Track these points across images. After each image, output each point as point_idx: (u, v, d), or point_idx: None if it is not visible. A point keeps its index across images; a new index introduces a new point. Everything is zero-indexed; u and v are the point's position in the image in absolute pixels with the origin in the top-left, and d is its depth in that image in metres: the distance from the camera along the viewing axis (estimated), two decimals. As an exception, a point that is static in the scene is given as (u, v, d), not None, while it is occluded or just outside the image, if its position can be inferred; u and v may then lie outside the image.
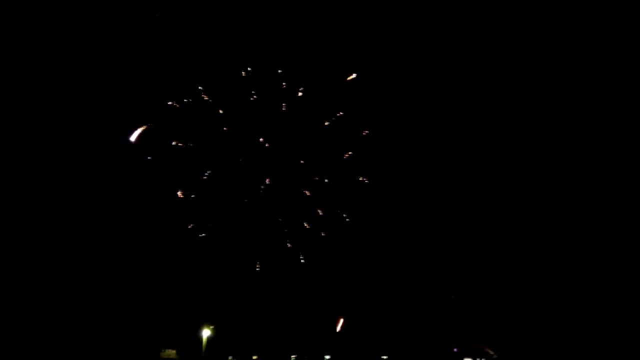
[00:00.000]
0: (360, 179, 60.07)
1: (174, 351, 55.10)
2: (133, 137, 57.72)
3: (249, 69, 59.90)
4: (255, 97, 60.34)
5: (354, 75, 59.54)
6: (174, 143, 59.39)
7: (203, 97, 59.72)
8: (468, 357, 52.50)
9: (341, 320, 56.95)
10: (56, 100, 56.38)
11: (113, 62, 57.73)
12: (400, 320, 55.03)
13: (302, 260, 58.77)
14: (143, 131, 57.95)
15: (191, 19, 58.29)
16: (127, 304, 55.03)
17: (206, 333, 54.22)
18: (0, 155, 54.93)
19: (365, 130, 60.35)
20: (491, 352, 51.96)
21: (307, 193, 60.83)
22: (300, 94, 60.49)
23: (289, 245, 59.57)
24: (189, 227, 58.19)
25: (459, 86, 58.31)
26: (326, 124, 60.71)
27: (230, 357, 55.95)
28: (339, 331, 56.40)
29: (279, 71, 60.06)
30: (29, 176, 55.46)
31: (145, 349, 54.46)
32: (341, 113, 60.59)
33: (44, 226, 55.06)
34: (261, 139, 60.69)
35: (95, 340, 53.85)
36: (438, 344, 53.69)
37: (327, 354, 55.58)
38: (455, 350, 52.83)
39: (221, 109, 60.24)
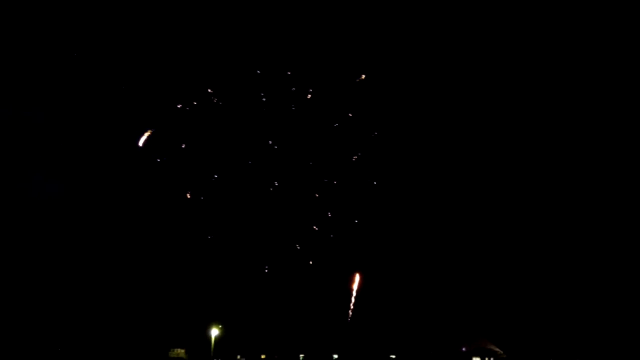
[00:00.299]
0: (370, 180, 60.10)
1: (183, 350, 55.24)
2: (140, 142, 58.11)
3: (257, 71, 60.21)
4: (264, 99, 60.60)
5: (362, 77, 59.71)
6: (183, 146, 59.71)
7: (212, 100, 60.04)
8: (476, 356, 52.30)
9: (357, 277, 56.71)
10: (59, 100, 56.80)
11: (119, 63, 58.09)
12: (409, 320, 54.92)
13: (310, 263, 58.76)
14: (150, 135, 58.29)
15: (199, 21, 58.69)
16: (136, 304, 55.22)
17: (215, 332, 54.35)
18: (1, 154, 55.35)
19: (374, 131, 60.42)
20: (499, 351, 51.75)
21: (317, 195, 60.89)
22: (309, 95, 60.70)
23: (297, 247, 59.58)
24: (198, 228, 58.41)
25: (469, 87, 58.27)
26: (335, 125, 60.85)
27: (238, 357, 56.03)
28: (358, 290, 56.18)
29: (288, 73, 60.33)
30: (30, 175, 55.83)
31: (154, 348, 54.62)
32: (350, 115, 60.71)
33: (46, 225, 55.38)
34: (270, 141, 60.90)
35: (104, 339, 54.04)
36: (446, 344, 53.51)
37: (335, 353, 55.55)
38: (463, 349, 52.66)
39: (230, 112, 60.54)
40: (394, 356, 54.28)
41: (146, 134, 58.64)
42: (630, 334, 47.56)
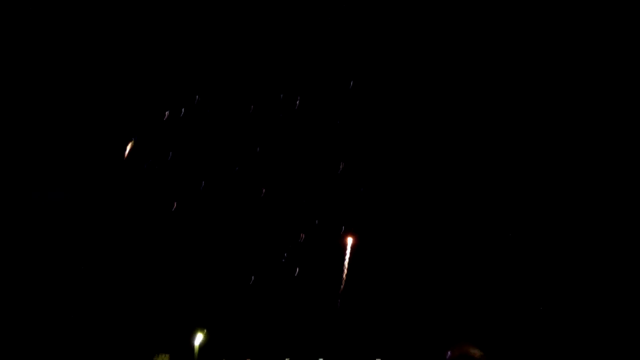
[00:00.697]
0: (357, 188, 60.18)
1: (167, 355, 54.88)
2: (125, 151, 58.17)
3: (246, 78, 60.50)
4: (251, 106, 60.84)
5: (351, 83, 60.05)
6: (170, 153, 59.77)
7: (200, 107, 60.26)
8: (460, 360, 52.01)
9: (349, 240, 56.38)
10: (59, 102, 56.89)
11: (103, 70, 58.22)
12: (395, 324, 54.81)
13: (297, 270, 58.61)
14: (133, 144, 58.32)
15: (187, 27, 59.14)
16: (119, 309, 54.96)
17: (199, 337, 54.04)
18: (3, 157, 55.34)
19: (363, 139, 60.61)
20: (484, 357, 51.56)
21: (304, 202, 60.93)
22: (297, 102, 60.97)
23: (284, 254, 59.46)
24: (184, 235, 58.30)
25: (462, 93, 58.50)
26: (324, 132, 61.08)
27: (223, 360, 55.75)
28: (352, 248, 55.91)
29: (276, 80, 60.66)
30: (32, 178, 55.78)
31: (137, 353, 54.28)
32: (338, 122, 60.95)
33: (44, 228, 55.21)
34: (258, 149, 61.08)
35: (87, 344, 53.67)
36: (430, 348, 53.38)
37: (321, 357, 55.33)
38: (448, 353, 52.46)
39: (217, 119, 60.76)
40: (379, 359, 54.10)
41: (129, 144, 58.78)
42: (619, 338, 47.59)
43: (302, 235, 60.07)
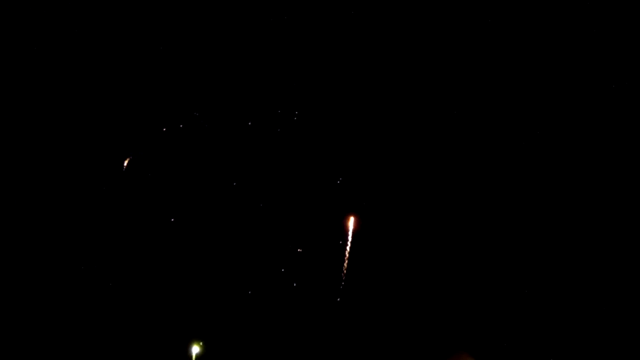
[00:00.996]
0: (355, 204, 60.44)
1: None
2: (123, 167, 58.48)
3: (244, 94, 61.16)
4: (249, 122, 61.40)
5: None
6: (168, 168, 60.14)
7: (198, 123, 60.82)
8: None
9: (351, 220, 56.04)
10: (59, 102, 57.21)
11: (100, 87, 58.65)
12: (390, 334, 54.63)
13: (294, 285, 58.58)
14: (130, 161, 58.58)
15: (184, 44, 59.93)
16: (115, 321, 54.78)
17: (195, 350, 53.75)
18: (2, 159, 55.41)
19: (361, 155, 61.01)
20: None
21: (302, 217, 61.17)
22: (295, 118, 61.55)
23: (282, 270, 59.50)
24: (181, 249, 58.36)
25: (461, 93, 58.72)
26: (320, 147, 61.54)
27: (219, 373, 55.38)
28: (354, 231, 55.50)
29: (274, 96, 61.29)
30: (31, 182, 55.82)
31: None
32: (336, 138, 61.44)
33: (40, 236, 55.15)
34: (255, 164, 61.47)
35: (79, 357, 53.36)
36: (427, 358, 53.19)
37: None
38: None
39: (215, 134, 61.25)
40: (375, 371, 53.72)
41: (126, 161, 58.92)
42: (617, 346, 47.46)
43: (300, 250, 60.16)
